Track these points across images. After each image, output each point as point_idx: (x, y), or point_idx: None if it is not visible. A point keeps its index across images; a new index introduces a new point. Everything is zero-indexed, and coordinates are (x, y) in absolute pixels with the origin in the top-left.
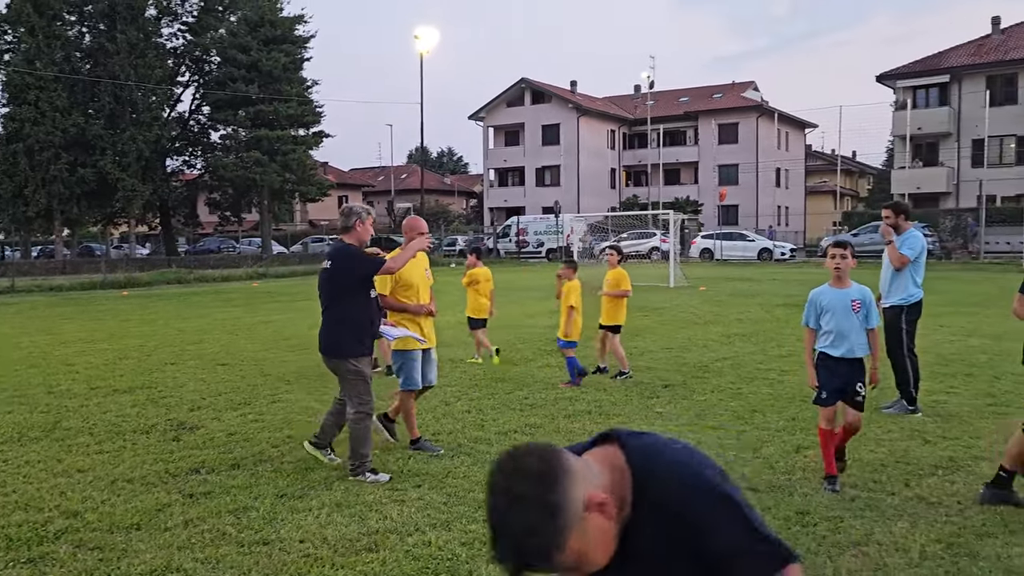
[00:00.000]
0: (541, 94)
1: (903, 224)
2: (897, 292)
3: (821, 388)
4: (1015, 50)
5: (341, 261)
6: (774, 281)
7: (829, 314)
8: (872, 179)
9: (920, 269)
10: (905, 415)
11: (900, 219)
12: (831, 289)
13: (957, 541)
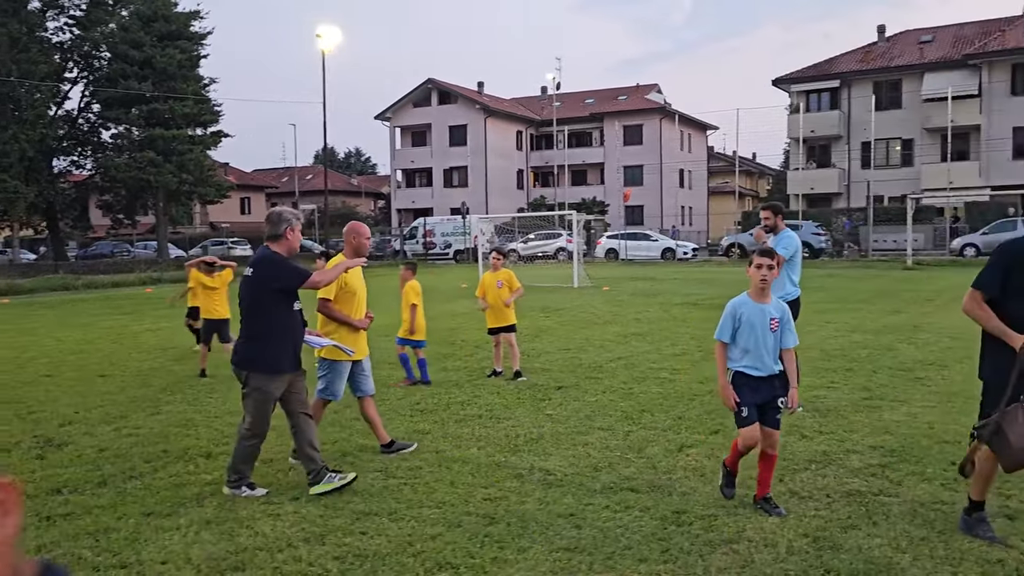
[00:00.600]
0: (448, 94)
1: (780, 224)
2: (776, 291)
3: (742, 405)
4: (899, 57)
5: (263, 269)
6: (675, 280)
7: (747, 330)
8: (771, 180)
9: (796, 268)
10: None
11: (779, 220)
12: (751, 302)
13: (823, 535)
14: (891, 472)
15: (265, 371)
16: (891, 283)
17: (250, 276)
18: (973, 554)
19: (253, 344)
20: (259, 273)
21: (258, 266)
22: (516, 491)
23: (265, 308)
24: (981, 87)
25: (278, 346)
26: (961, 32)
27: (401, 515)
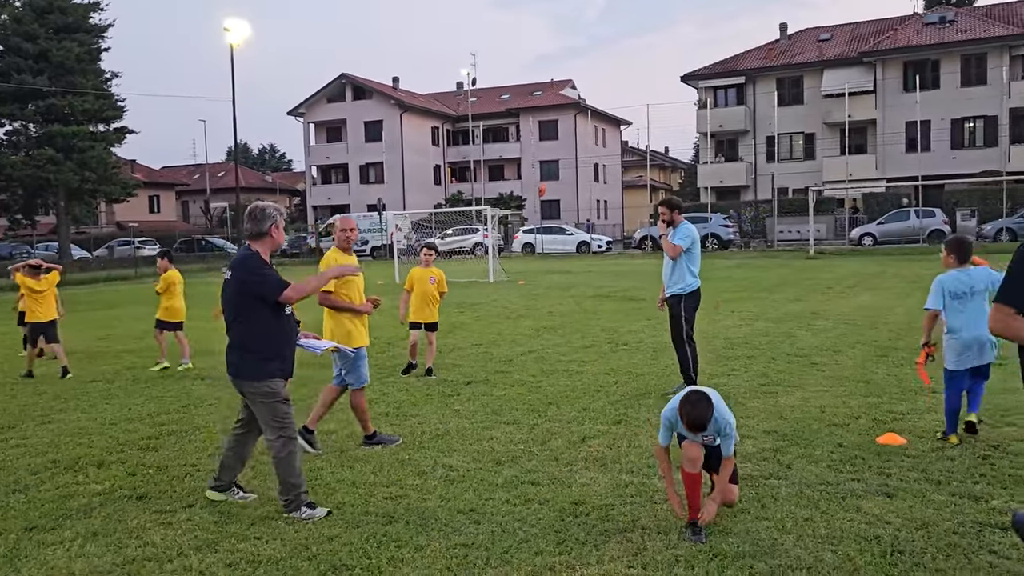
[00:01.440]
0: (363, 90)
1: (677, 218)
2: (677, 282)
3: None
4: (800, 54)
5: (242, 273)
6: (589, 273)
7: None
8: (683, 173)
9: (695, 259)
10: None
11: (675, 214)
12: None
13: (714, 520)
14: (782, 456)
15: (262, 375)
16: (794, 272)
17: (229, 279)
18: (852, 532)
19: (238, 352)
20: (237, 276)
21: (237, 268)
22: (418, 488)
23: (246, 313)
24: (876, 83)
25: (269, 349)
26: (857, 31)
27: (299, 519)
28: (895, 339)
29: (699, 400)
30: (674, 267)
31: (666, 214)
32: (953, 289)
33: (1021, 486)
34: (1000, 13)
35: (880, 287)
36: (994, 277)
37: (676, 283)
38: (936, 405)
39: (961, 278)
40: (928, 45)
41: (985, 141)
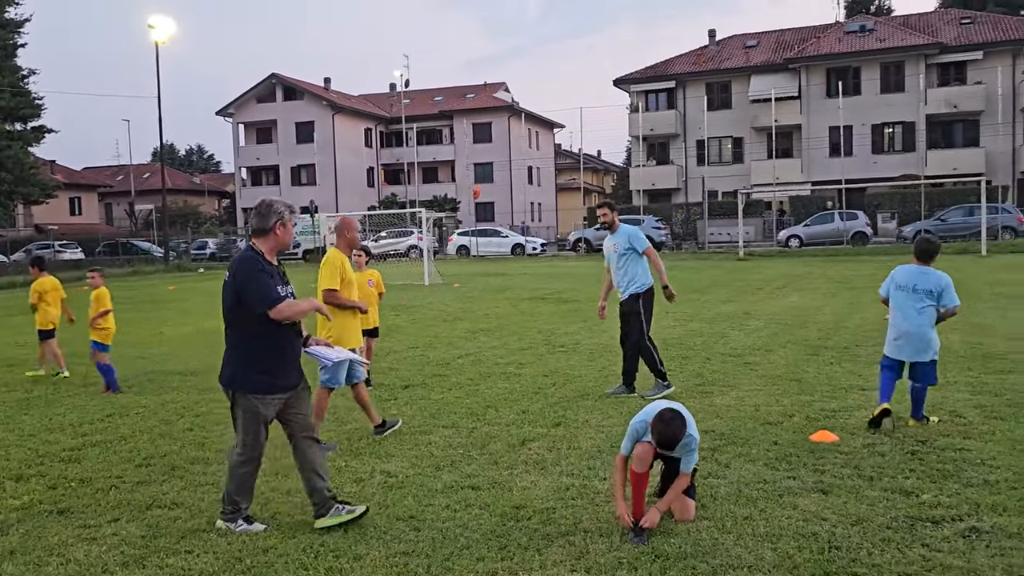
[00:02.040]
0: (293, 90)
1: (617, 220)
2: (633, 281)
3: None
4: (728, 60)
5: (240, 275)
6: (525, 276)
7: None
8: (615, 176)
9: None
10: (662, 392)
11: (615, 216)
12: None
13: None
14: (720, 455)
15: (254, 389)
16: (725, 273)
17: (228, 280)
18: (790, 530)
19: (235, 359)
20: (238, 278)
21: (238, 270)
22: (355, 496)
23: (245, 318)
24: (800, 89)
25: (264, 363)
26: (782, 38)
27: (232, 530)
28: (824, 338)
29: (673, 419)
30: (626, 268)
31: (608, 215)
32: (900, 280)
33: (949, 480)
34: (916, 23)
35: (808, 288)
36: (943, 283)
37: (632, 282)
38: (866, 403)
39: (912, 272)
40: (849, 53)
41: (904, 146)
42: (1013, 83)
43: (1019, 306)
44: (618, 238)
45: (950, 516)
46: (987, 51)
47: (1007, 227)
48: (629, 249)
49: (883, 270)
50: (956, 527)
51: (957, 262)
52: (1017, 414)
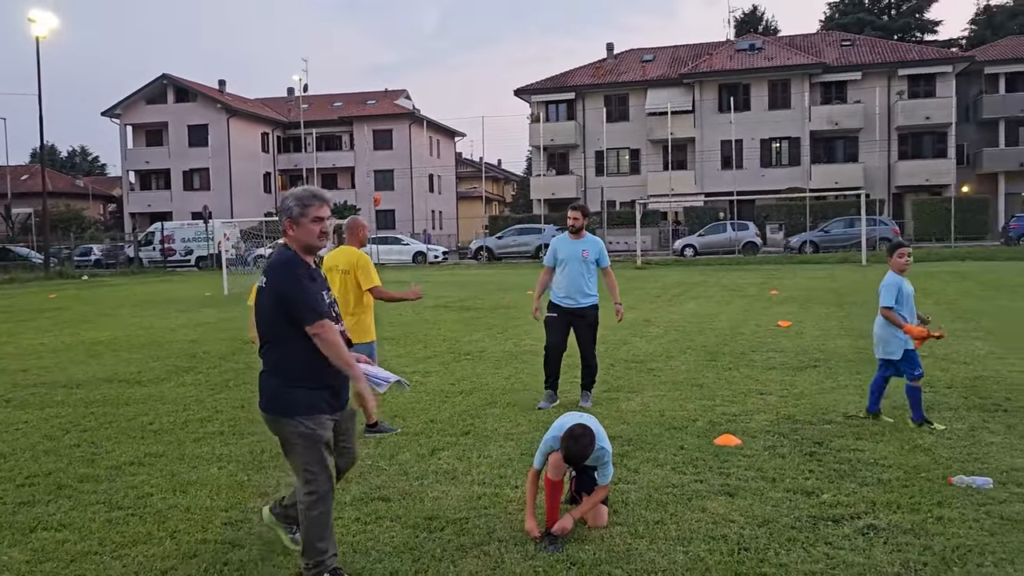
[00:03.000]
0: (186, 92)
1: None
2: (592, 292)
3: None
4: (625, 73)
5: (276, 281)
6: (427, 283)
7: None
8: (516, 185)
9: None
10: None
11: (587, 221)
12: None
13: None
14: (628, 460)
15: (301, 411)
16: (624, 282)
17: (263, 287)
18: (700, 532)
19: (274, 379)
20: (271, 283)
21: (271, 273)
22: (260, 511)
23: (282, 329)
24: (695, 104)
25: (319, 377)
26: (677, 53)
27: (126, 551)
28: (721, 344)
29: (583, 435)
30: (589, 277)
31: (580, 220)
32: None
33: (846, 480)
34: (801, 43)
35: (703, 295)
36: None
37: (591, 293)
38: (764, 407)
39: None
40: (739, 70)
41: (790, 160)
42: (888, 103)
43: None
44: (587, 245)
45: (849, 515)
46: (865, 72)
47: (884, 238)
48: (597, 260)
49: (772, 279)
50: (855, 525)
51: (839, 271)
52: (904, 415)
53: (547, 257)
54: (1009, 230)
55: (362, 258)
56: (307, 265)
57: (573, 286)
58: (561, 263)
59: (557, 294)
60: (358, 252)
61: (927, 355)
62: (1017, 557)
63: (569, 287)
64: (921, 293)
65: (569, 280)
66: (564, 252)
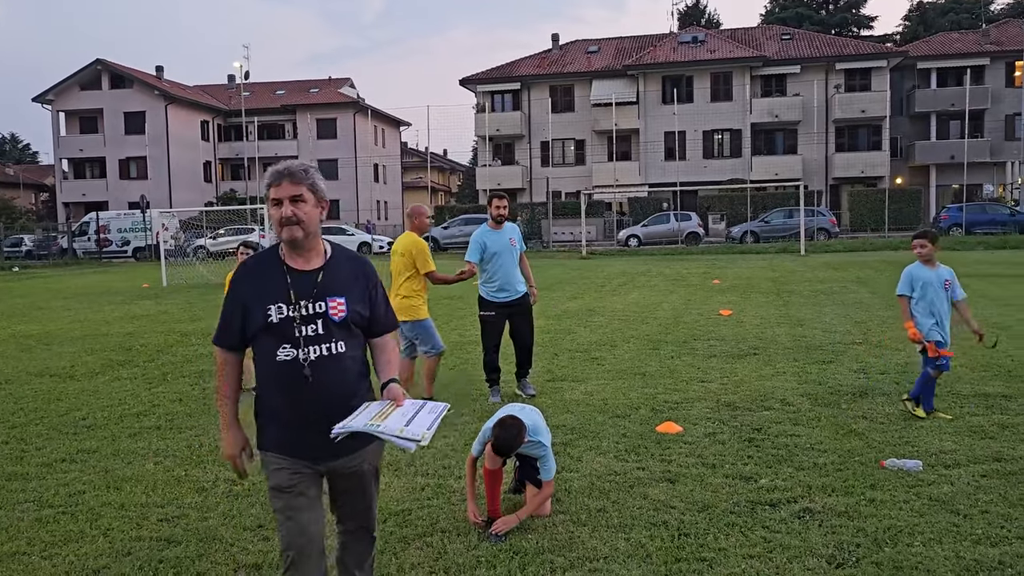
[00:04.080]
0: (121, 78)
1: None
2: (522, 280)
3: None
4: (571, 64)
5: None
6: None
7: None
8: (461, 175)
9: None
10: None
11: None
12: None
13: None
14: (572, 449)
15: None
16: (569, 272)
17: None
18: (641, 519)
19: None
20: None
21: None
22: (198, 507)
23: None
24: (638, 95)
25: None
26: (621, 45)
27: (56, 550)
28: (664, 333)
29: (512, 426)
30: (516, 265)
31: (506, 208)
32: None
33: (783, 465)
34: (742, 37)
35: (647, 285)
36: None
37: (521, 280)
38: (705, 394)
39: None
40: (682, 62)
41: (732, 152)
42: (826, 96)
43: (834, 301)
44: (511, 233)
45: (786, 499)
46: (804, 66)
47: (822, 229)
48: (519, 247)
49: (714, 269)
50: (792, 509)
51: (778, 261)
52: (838, 401)
53: (473, 252)
54: (940, 221)
55: (418, 244)
56: (273, 261)
57: (507, 278)
58: (492, 256)
59: (490, 290)
60: (416, 238)
61: (862, 341)
62: (945, 537)
63: (504, 280)
64: (856, 282)
65: (504, 273)
66: (495, 245)
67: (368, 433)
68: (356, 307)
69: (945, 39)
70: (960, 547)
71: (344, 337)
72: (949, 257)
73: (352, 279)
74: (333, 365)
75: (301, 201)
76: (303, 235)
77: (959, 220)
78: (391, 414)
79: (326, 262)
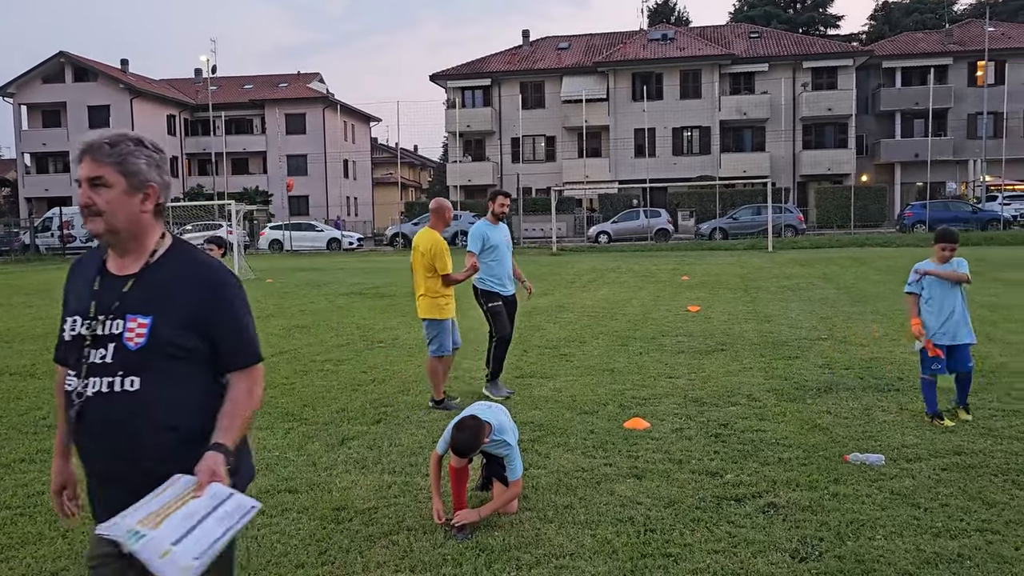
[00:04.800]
0: (85, 71)
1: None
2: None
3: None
4: (541, 61)
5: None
6: (341, 271)
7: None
8: (432, 171)
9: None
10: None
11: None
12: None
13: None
14: (539, 445)
15: None
16: (540, 268)
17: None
18: (608, 516)
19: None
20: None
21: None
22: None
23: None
24: (609, 92)
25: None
26: (592, 42)
27: (13, 552)
28: (633, 329)
29: (469, 427)
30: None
31: (509, 205)
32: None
33: (748, 460)
34: (712, 35)
35: (616, 281)
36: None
37: (513, 279)
38: (673, 390)
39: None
40: (652, 59)
41: (701, 149)
42: (793, 94)
43: (800, 297)
44: (507, 232)
45: (751, 494)
46: (772, 64)
47: (789, 225)
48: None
49: (683, 265)
50: (756, 503)
51: (746, 257)
52: (804, 396)
53: (474, 243)
54: (904, 218)
55: (439, 244)
56: (95, 261)
57: (506, 273)
58: (492, 249)
59: (493, 283)
60: (437, 237)
61: (827, 337)
62: (906, 530)
63: (503, 274)
64: (822, 278)
65: (503, 267)
66: (495, 238)
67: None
68: (171, 332)
69: (909, 39)
70: (921, 540)
71: (141, 371)
72: (914, 254)
73: (178, 292)
74: (112, 409)
75: (102, 186)
76: (104, 230)
77: (923, 217)
78: (176, 511)
79: (145, 267)
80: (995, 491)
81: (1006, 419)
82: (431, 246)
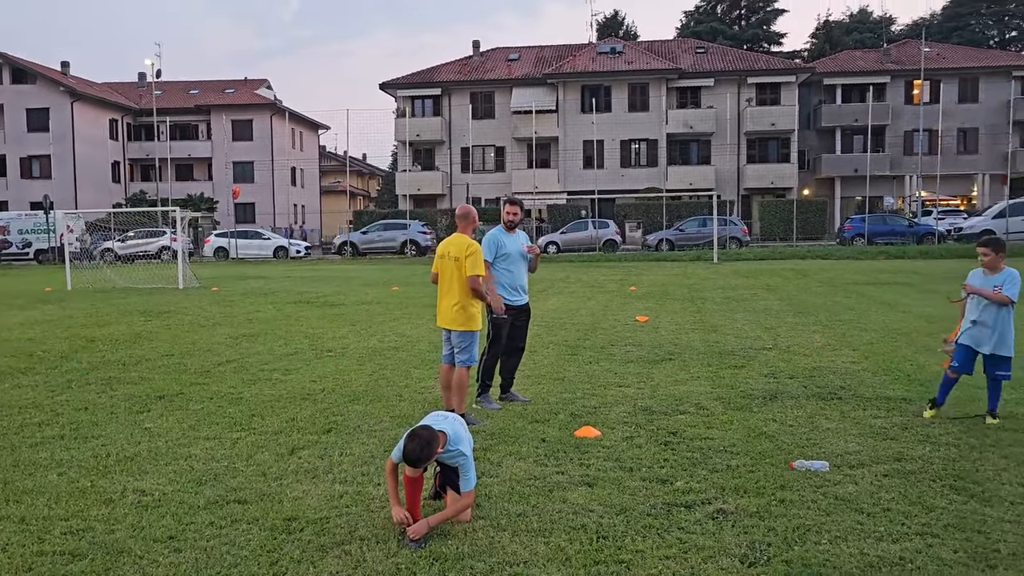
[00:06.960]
0: (24, 73)
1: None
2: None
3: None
4: (491, 71)
5: None
6: (289, 279)
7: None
8: (381, 180)
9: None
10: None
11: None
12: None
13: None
14: (491, 454)
15: None
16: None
17: None
18: (561, 523)
19: None
20: None
21: None
22: (105, 519)
23: None
24: (558, 103)
25: None
26: (542, 54)
27: None
28: (583, 339)
29: (419, 437)
30: (526, 272)
31: (520, 214)
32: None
33: (698, 467)
34: (659, 49)
35: (566, 291)
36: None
37: (527, 289)
38: (623, 399)
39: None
40: (601, 72)
41: (648, 161)
42: (738, 109)
43: (744, 308)
44: (522, 239)
45: (700, 500)
46: (717, 79)
47: (734, 238)
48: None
49: (631, 276)
50: (706, 510)
51: (692, 268)
52: (750, 404)
53: (489, 251)
54: (844, 231)
55: (472, 246)
56: None
57: (519, 282)
58: (505, 257)
59: (505, 292)
60: (470, 240)
61: (772, 347)
62: (850, 535)
63: (515, 283)
64: (765, 289)
65: (516, 276)
66: (510, 247)
67: None
68: None
69: (849, 57)
70: (864, 544)
71: None
72: (853, 266)
73: None
74: None
75: None
76: None
77: (862, 230)
78: None
79: None
80: (934, 496)
81: (943, 426)
82: (467, 247)
